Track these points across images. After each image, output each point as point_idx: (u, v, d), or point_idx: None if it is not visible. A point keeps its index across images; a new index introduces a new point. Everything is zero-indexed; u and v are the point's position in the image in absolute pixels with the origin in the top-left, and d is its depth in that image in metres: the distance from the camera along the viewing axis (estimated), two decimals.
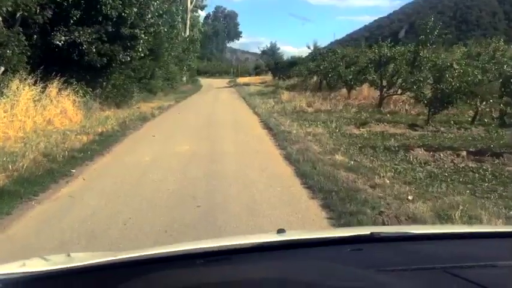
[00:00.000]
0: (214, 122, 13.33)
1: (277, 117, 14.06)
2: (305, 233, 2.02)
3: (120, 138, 9.85)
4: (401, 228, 2.53)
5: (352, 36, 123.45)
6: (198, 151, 8.53)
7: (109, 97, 16.47)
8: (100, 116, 13.50)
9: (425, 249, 1.54)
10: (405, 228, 2.30)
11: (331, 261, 1.41)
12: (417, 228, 2.62)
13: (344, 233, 1.81)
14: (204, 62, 72.50)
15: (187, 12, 41.49)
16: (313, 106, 16.70)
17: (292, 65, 40.82)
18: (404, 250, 1.55)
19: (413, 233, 1.73)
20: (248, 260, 1.42)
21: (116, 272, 1.34)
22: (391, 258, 1.47)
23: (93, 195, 5.49)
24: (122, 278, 1.29)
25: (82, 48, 13.87)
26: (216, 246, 1.46)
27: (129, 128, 11.59)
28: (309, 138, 9.96)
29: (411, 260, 1.40)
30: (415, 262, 1.38)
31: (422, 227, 3.33)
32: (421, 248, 1.55)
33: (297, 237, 1.66)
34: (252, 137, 10.36)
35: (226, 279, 1.31)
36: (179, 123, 12.98)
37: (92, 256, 1.53)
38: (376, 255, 1.49)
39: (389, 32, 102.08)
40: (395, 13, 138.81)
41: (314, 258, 1.45)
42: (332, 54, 22.52)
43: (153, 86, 24.86)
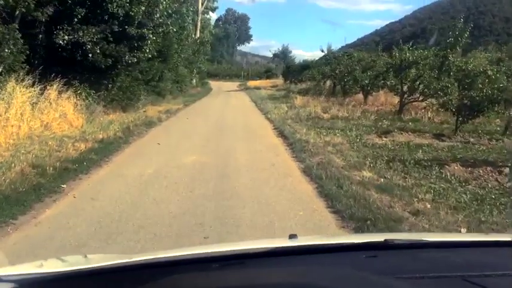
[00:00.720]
0: (225, 129, 12.46)
1: (291, 124, 13.15)
2: (317, 239, 1.97)
3: (121, 146, 9.01)
4: (415, 236, 2.43)
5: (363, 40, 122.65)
6: (207, 162, 7.66)
7: (114, 100, 15.68)
8: (103, 120, 12.69)
9: (442, 257, 1.52)
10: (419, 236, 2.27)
11: (346, 268, 1.40)
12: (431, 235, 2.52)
13: (357, 239, 1.82)
14: (214, 64, 71.87)
15: (198, 14, 40.73)
16: (329, 112, 15.76)
17: (304, 68, 39.95)
18: (419, 257, 1.52)
19: (427, 240, 1.72)
20: (262, 265, 1.42)
21: (132, 274, 1.36)
22: (407, 265, 1.45)
23: (82, 219, 4.63)
24: (138, 281, 1.31)
25: (86, 48, 13.10)
26: (230, 250, 1.50)
27: (133, 134, 10.75)
28: (328, 149, 9.04)
29: (428, 268, 1.38)
30: (432, 270, 1.36)
31: (436, 234, 3.20)
32: (437, 256, 1.53)
33: (310, 243, 1.66)
34: (266, 147, 9.46)
35: (241, 284, 1.31)
36: (187, 130, 12.13)
37: (108, 258, 1.57)
38: (391, 263, 1.48)
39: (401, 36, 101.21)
40: (407, 18, 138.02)
41: (329, 264, 1.45)
42: (348, 57, 21.57)
43: (161, 89, 24.06)
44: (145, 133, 11.23)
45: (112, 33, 13.89)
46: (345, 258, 1.50)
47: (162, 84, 24.07)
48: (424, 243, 1.66)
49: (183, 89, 30.64)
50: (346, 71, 20.48)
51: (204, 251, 1.48)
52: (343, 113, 15.60)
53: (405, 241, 1.63)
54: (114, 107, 15.51)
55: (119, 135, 10.16)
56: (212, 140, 10.36)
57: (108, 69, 14.32)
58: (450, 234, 3.56)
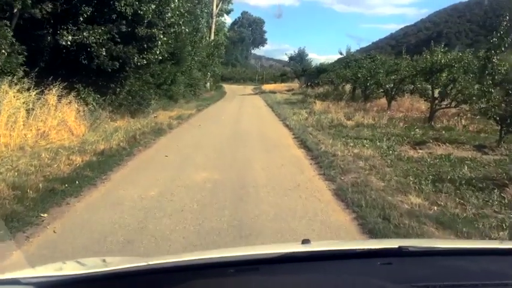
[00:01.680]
0: (240, 138, 11.33)
1: (313, 133, 11.97)
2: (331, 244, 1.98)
3: (124, 160, 7.92)
4: (430, 242, 2.38)
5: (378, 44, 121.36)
6: (220, 181, 6.52)
7: (122, 105, 14.69)
8: (108, 127, 11.67)
9: (457, 265, 1.51)
10: (433, 242, 2.32)
11: (361, 275, 1.39)
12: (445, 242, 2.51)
13: (371, 245, 1.79)
14: (228, 68, 71.04)
15: (213, 16, 39.82)
16: (353, 119, 14.53)
17: (321, 72, 38.76)
18: (435, 265, 1.49)
19: (442, 247, 1.72)
20: (276, 271, 1.42)
21: (149, 278, 1.37)
22: (423, 273, 1.42)
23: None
24: (154, 285, 1.34)
25: (91, 49, 12.13)
26: (244, 255, 1.54)
27: (139, 144, 9.68)
28: (360, 164, 7.84)
29: (443, 276, 1.37)
30: (447, 278, 1.35)
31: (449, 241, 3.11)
32: (452, 264, 1.52)
33: (324, 248, 1.66)
34: (288, 161, 8.29)
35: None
36: (199, 139, 11.02)
37: (126, 261, 1.57)
38: (406, 270, 1.46)
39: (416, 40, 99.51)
40: (423, 21, 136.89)
41: (344, 271, 1.43)
42: (371, 60, 20.30)
43: (174, 93, 23.07)
44: (153, 143, 10.14)
45: (120, 34, 12.92)
46: (359, 265, 1.48)
47: (174, 87, 23.08)
48: (439, 250, 1.65)
49: (196, 93, 29.65)
50: (368, 75, 19.19)
51: (219, 255, 1.52)
52: (368, 119, 14.35)
53: (420, 248, 1.61)
54: (122, 112, 14.53)
55: (123, 145, 9.10)
56: (226, 151, 9.22)
57: (115, 72, 13.36)
58: (464, 241, 3.42)
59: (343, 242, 3.13)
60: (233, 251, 1.64)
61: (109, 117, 13.08)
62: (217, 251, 1.89)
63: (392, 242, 1.96)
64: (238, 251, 1.66)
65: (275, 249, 1.62)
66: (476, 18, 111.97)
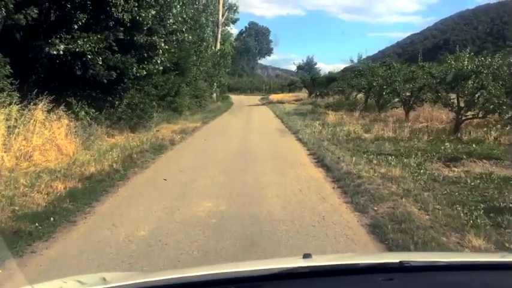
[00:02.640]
0: (249, 155, 10.17)
1: (329, 148, 10.80)
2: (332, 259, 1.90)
3: (115, 185, 6.79)
4: (431, 256, 2.34)
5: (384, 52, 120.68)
6: (227, 214, 5.37)
7: (121, 119, 13.64)
8: (103, 145, 10.58)
9: (458, 280, 1.50)
10: (434, 256, 2.25)
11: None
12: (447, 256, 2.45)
13: (372, 259, 1.79)
14: (235, 78, 70.22)
15: (219, 26, 38.92)
16: (371, 131, 13.34)
17: (330, 81, 37.63)
18: (436, 281, 1.49)
19: (443, 261, 1.68)
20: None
21: None
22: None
23: None
24: None
25: (86, 59, 11.10)
26: (246, 271, 1.51)
27: (135, 164, 8.57)
28: (391, 188, 6.65)
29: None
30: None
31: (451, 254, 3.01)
32: (453, 279, 1.51)
33: (325, 263, 1.64)
34: (306, 184, 7.11)
35: None
36: (203, 157, 9.87)
37: (126, 277, 1.60)
38: (408, 286, 1.46)
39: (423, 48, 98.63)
40: (429, 29, 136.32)
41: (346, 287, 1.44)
42: (387, 68, 19.14)
43: (178, 105, 21.99)
44: (151, 162, 9.02)
45: (117, 42, 11.89)
46: (361, 281, 1.47)
47: (178, 99, 22.02)
48: (440, 265, 1.62)
49: (202, 104, 28.61)
50: (385, 83, 18.01)
51: (220, 271, 1.50)
52: (388, 132, 13.15)
53: (421, 263, 1.60)
54: (120, 127, 13.47)
55: (117, 167, 7.97)
56: (234, 172, 8.06)
57: (113, 83, 12.32)
58: (465, 254, 3.32)
59: (344, 255, 3.00)
60: (234, 267, 1.62)
61: (105, 133, 12.01)
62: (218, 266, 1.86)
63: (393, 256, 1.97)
64: (240, 266, 1.65)
65: (276, 264, 1.59)
66: (483, 26, 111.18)
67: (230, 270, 1.51)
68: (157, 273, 1.58)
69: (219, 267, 1.66)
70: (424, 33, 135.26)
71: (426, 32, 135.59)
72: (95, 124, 11.52)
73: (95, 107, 12.19)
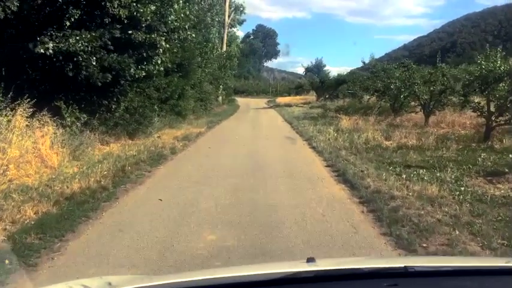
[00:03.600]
0: (258, 167, 8.98)
1: (349, 158, 9.60)
2: (336, 263, 1.87)
3: (99, 208, 5.63)
4: (435, 261, 2.20)
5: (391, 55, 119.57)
6: (235, 252, 4.18)
7: (119, 124, 12.51)
8: (95, 154, 9.47)
9: (463, 286, 1.48)
10: (439, 261, 2.18)
11: None
12: (451, 260, 2.36)
13: (376, 264, 1.77)
14: (241, 80, 69.11)
15: (225, 26, 37.81)
16: (393, 139, 12.11)
17: (340, 83, 36.44)
18: (440, 286, 1.48)
19: (448, 266, 1.66)
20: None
21: None
22: None
23: None
24: None
25: (78, 59, 10.00)
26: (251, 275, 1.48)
27: (128, 179, 7.41)
28: (436, 214, 5.43)
29: None
30: None
31: (456, 259, 2.91)
32: (459, 285, 1.50)
33: (329, 268, 1.62)
34: (329, 207, 5.89)
35: None
36: (206, 170, 8.68)
37: (130, 281, 1.55)
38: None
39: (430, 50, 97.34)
40: (436, 32, 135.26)
41: None
42: (405, 69, 17.90)
43: (182, 108, 20.85)
44: (147, 176, 7.85)
45: (113, 40, 10.79)
46: (365, 286, 1.45)
47: (182, 102, 20.86)
48: (445, 270, 1.59)
49: (207, 108, 27.45)
50: (403, 86, 16.78)
51: (224, 276, 1.49)
52: (411, 139, 11.91)
53: (425, 268, 1.59)
54: (118, 133, 12.34)
55: (105, 182, 6.81)
56: (242, 190, 6.87)
57: (109, 86, 11.21)
58: (470, 259, 3.14)
59: (348, 260, 2.88)
60: (238, 271, 1.60)
61: (99, 140, 10.90)
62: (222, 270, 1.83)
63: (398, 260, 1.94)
64: (243, 270, 1.62)
65: (280, 268, 1.58)
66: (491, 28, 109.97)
67: (234, 275, 1.49)
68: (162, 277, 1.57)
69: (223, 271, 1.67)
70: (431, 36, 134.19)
71: (433, 35, 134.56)
72: (87, 131, 10.40)
73: (88, 111, 11.08)
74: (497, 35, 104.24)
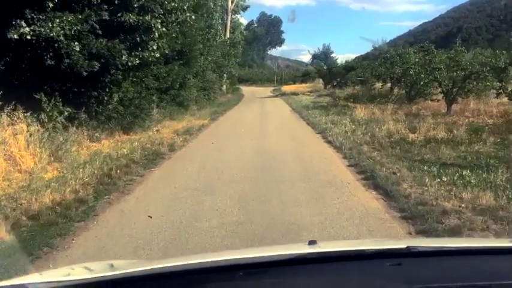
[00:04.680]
0: (269, 168, 7.68)
1: (373, 156, 8.31)
2: (338, 245, 1.89)
3: (68, 234, 4.35)
4: (438, 242, 2.28)
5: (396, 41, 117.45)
6: None
7: (112, 118, 11.26)
8: (81, 154, 8.23)
9: (467, 265, 1.46)
10: (442, 242, 2.18)
11: (371, 276, 1.35)
12: (454, 241, 2.36)
13: (379, 245, 1.75)
14: (245, 69, 67.61)
15: (228, 13, 36.31)
16: (419, 131, 10.77)
17: (348, 70, 34.99)
18: (445, 266, 1.43)
19: (452, 247, 1.66)
20: (285, 274, 1.38)
21: (157, 282, 1.34)
22: (433, 274, 1.37)
23: None
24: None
25: (59, 45, 8.73)
26: (253, 257, 1.48)
27: (114, 185, 6.15)
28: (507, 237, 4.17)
29: (454, 277, 1.34)
30: (458, 279, 1.32)
31: (459, 240, 2.93)
32: (462, 263, 1.48)
33: (332, 249, 1.59)
34: (365, 225, 4.58)
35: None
36: (208, 171, 7.40)
37: (133, 265, 1.57)
38: (417, 271, 1.40)
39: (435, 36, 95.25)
40: (441, 17, 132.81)
41: (353, 272, 1.39)
42: (425, 54, 16.45)
43: (184, 99, 19.58)
44: (137, 183, 6.58)
45: (101, 24, 9.51)
46: (368, 267, 1.43)
47: (184, 92, 19.58)
48: (448, 250, 1.59)
49: (210, 97, 26.14)
50: (423, 71, 15.37)
51: (227, 258, 1.46)
52: (439, 131, 10.57)
53: (429, 248, 1.56)
54: (111, 128, 11.09)
55: (84, 194, 5.56)
56: (252, 201, 5.58)
57: (98, 74, 9.94)
58: (473, 239, 3.17)
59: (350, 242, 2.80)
60: (241, 253, 1.60)
61: (88, 137, 9.65)
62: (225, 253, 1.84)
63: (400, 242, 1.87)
64: (247, 252, 1.62)
65: (283, 250, 1.55)
66: (497, 13, 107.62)
67: (237, 257, 1.46)
68: (164, 260, 1.51)
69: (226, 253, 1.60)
70: (437, 21, 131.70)
71: (438, 20, 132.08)
72: (73, 127, 9.16)
73: (75, 104, 9.84)
74: (503, 19, 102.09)
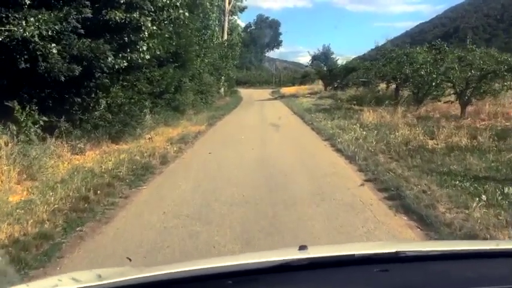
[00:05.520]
0: (275, 182, 6.64)
1: (392, 167, 7.27)
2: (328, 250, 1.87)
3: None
4: (427, 245, 2.32)
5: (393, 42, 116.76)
6: None
7: (99, 126, 10.22)
8: (59, 170, 7.17)
9: (454, 270, 1.47)
10: (431, 245, 2.24)
11: (358, 284, 1.38)
12: (443, 244, 2.36)
13: (368, 249, 1.75)
14: (242, 71, 66.66)
15: (225, 14, 35.30)
16: (438, 137, 9.73)
17: (349, 71, 33.97)
18: (431, 271, 1.46)
19: (438, 251, 1.66)
20: (275, 281, 1.38)
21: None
22: (420, 279, 1.40)
23: None
24: None
25: (34, 47, 7.70)
26: (242, 264, 1.46)
27: (90, 214, 5.10)
28: None
29: (440, 283, 1.36)
30: (446, 284, 1.34)
31: (447, 243, 2.89)
32: (449, 268, 1.48)
33: (321, 255, 1.59)
34: None
35: None
36: (204, 191, 6.33)
37: (121, 273, 1.52)
38: (403, 277, 1.43)
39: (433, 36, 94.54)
40: (438, 17, 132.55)
41: (341, 280, 1.41)
42: (437, 53, 15.42)
43: (180, 103, 18.51)
44: (119, 208, 5.51)
45: (84, 22, 8.51)
46: (356, 273, 1.45)
47: (180, 96, 18.51)
48: (435, 254, 1.59)
49: (208, 101, 25.09)
50: (435, 71, 14.36)
51: (216, 266, 1.45)
52: (461, 137, 9.54)
53: (417, 252, 1.58)
54: (98, 137, 10.04)
55: (49, 227, 4.51)
56: (257, 230, 4.52)
57: (80, 79, 8.92)
58: (461, 242, 3.04)
59: (341, 246, 2.69)
60: (230, 260, 1.59)
61: (71, 149, 8.61)
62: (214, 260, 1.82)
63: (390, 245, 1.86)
64: (236, 260, 1.60)
65: (273, 256, 1.53)
66: (494, 12, 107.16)
67: (227, 264, 1.46)
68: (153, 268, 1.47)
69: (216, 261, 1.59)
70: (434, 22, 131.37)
71: (435, 21, 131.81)
72: (52, 138, 8.13)
73: (56, 112, 8.81)
74: (500, 19, 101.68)
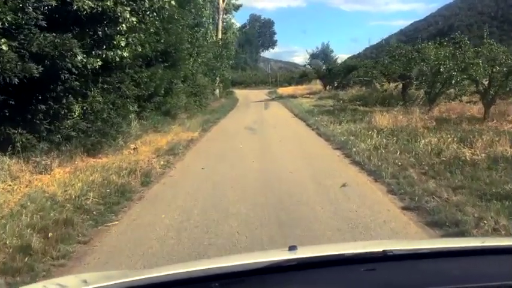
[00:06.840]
0: (286, 210, 5.05)
1: (432, 188, 5.75)
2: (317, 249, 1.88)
3: None
4: (414, 244, 2.25)
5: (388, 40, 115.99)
6: None
7: (71, 137, 8.63)
8: (12, 197, 5.59)
9: (440, 268, 1.49)
10: (418, 244, 2.24)
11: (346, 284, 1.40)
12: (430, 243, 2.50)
13: (356, 248, 1.77)
14: (238, 71, 65.18)
15: (219, 11, 33.74)
16: (475, 146, 8.18)
17: (350, 70, 32.51)
18: (418, 269, 1.49)
19: (425, 249, 1.69)
20: (262, 283, 1.38)
21: None
22: (405, 279, 1.42)
23: None
24: None
25: None
26: (229, 266, 1.46)
27: (31, 274, 3.56)
28: None
29: (427, 281, 1.37)
30: (431, 283, 1.35)
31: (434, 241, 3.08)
32: (435, 267, 1.50)
33: (309, 255, 1.60)
34: None
35: None
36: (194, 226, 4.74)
37: (106, 278, 1.50)
38: (390, 276, 1.44)
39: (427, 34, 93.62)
40: (432, 15, 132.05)
41: (328, 280, 1.42)
42: (455, 47, 13.93)
43: (171, 106, 16.91)
44: (73, 260, 3.88)
45: (47, 13, 6.95)
46: (344, 273, 1.47)
47: (171, 99, 16.89)
48: (422, 253, 1.62)
49: (202, 103, 23.49)
50: (455, 68, 12.84)
51: (201, 268, 1.44)
52: (503, 145, 8.02)
53: (404, 251, 1.61)
54: (70, 150, 8.46)
55: None
56: None
57: (42, 82, 7.33)
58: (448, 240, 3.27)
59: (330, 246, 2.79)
60: (217, 262, 1.59)
61: (32, 167, 7.03)
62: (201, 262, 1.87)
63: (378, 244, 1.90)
64: (223, 261, 1.61)
65: (262, 257, 1.55)
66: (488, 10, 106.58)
67: (215, 266, 1.45)
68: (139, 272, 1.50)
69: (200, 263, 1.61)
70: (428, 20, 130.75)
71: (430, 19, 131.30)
72: (5, 155, 6.54)
73: (14, 122, 7.23)
74: (494, 16, 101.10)
